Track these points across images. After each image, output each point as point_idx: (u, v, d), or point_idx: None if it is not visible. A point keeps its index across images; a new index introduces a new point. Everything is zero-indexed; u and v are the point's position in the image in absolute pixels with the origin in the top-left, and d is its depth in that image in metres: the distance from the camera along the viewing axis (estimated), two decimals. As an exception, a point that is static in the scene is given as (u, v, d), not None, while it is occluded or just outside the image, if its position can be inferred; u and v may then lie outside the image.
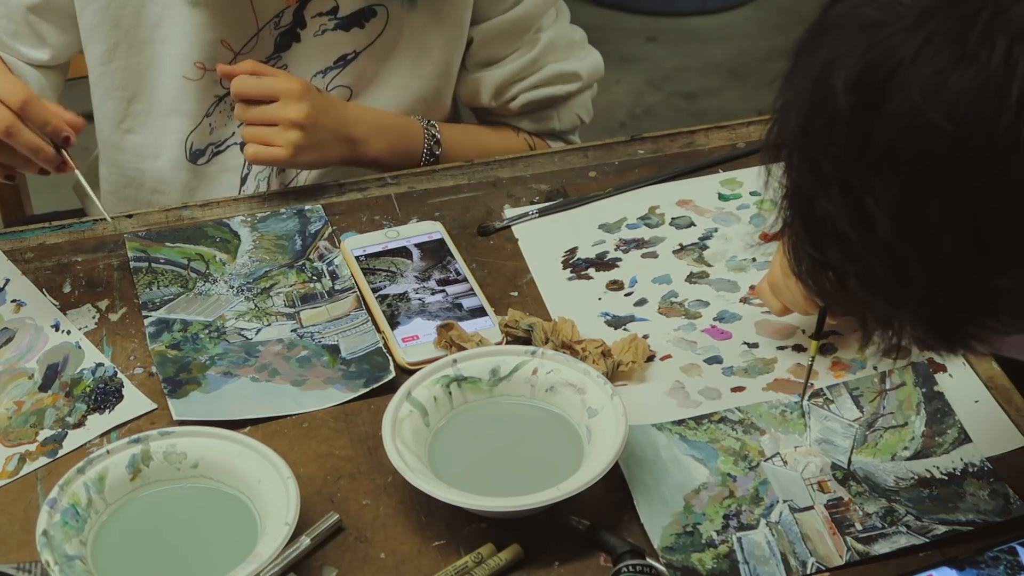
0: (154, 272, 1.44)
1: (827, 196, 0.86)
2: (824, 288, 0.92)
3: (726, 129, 1.64)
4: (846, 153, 0.85)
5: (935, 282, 0.85)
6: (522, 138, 1.70)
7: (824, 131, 0.86)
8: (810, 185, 0.87)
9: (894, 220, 0.84)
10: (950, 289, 0.85)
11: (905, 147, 0.83)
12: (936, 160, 0.82)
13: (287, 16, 1.56)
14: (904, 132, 0.82)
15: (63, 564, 1.11)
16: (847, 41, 0.85)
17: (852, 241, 0.86)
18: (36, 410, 1.30)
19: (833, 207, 0.86)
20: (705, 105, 3.41)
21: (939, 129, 0.81)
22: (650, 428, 1.26)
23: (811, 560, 1.15)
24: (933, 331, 0.89)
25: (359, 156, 1.58)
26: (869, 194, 0.84)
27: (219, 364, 1.34)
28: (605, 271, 1.45)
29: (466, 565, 1.15)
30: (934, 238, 0.83)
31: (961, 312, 0.87)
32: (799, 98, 0.88)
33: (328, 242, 1.49)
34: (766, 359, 1.34)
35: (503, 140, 1.69)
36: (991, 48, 0.81)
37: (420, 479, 1.16)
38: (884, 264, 0.86)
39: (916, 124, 0.82)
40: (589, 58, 1.72)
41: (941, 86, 0.81)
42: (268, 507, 1.16)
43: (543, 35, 1.65)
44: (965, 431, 1.25)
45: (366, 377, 1.32)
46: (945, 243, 0.83)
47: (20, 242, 1.50)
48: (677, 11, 3.73)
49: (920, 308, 0.87)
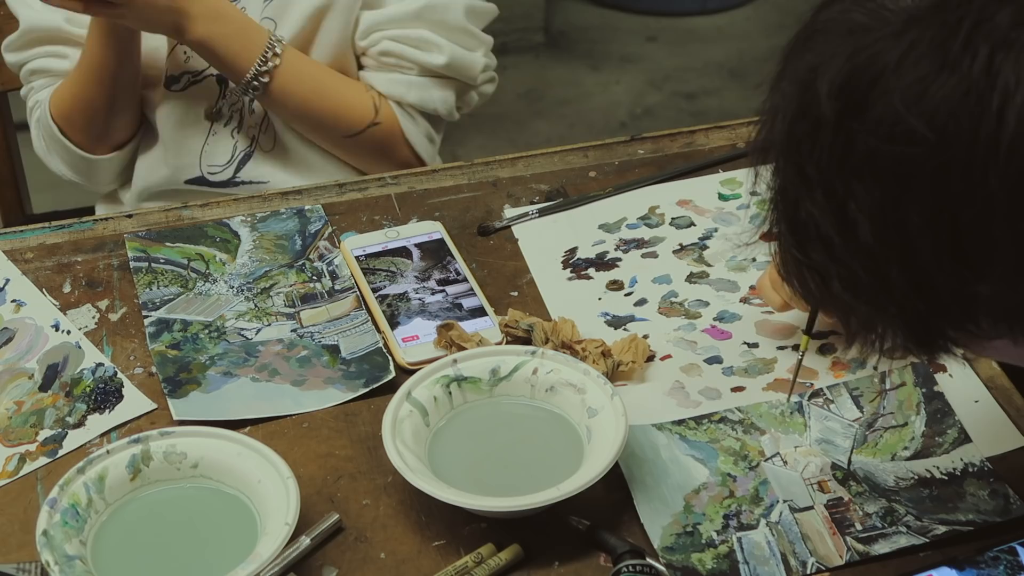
0: (154, 272, 1.44)
1: (811, 199, 0.87)
2: (809, 289, 0.92)
3: (726, 129, 1.64)
4: (830, 158, 0.85)
5: (915, 288, 0.85)
6: (370, 96, 1.65)
7: (809, 136, 0.86)
8: (795, 188, 0.88)
9: (875, 225, 0.84)
10: (929, 295, 0.85)
11: (886, 154, 0.83)
12: (917, 167, 0.82)
13: None
14: (886, 139, 0.83)
15: (63, 564, 1.11)
16: (833, 46, 0.86)
17: (835, 245, 0.87)
18: (36, 410, 1.30)
19: (817, 210, 0.86)
20: (705, 105, 3.42)
21: (920, 136, 0.81)
22: (650, 428, 1.26)
23: (811, 560, 1.15)
24: (913, 336, 0.89)
25: (182, 31, 1.56)
26: (851, 199, 0.84)
27: (219, 364, 1.34)
28: (605, 271, 1.45)
29: (466, 565, 1.15)
30: (914, 244, 0.84)
31: (941, 318, 0.87)
32: (786, 101, 0.88)
33: (328, 242, 1.49)
34: (766, 359, 1.34)
35: (348, 89, 1.65)
36: (973, 56, 0.81)
37: (420, 479, 1.16)
38: (865, 268, 0.86)
39: (897, 131, 0.82)
40: (471, 54, 1.67)
41: (923, 94, 0.81)
42: (268, 507, 1.16)
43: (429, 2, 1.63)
44: (965, 431, 1.25)
45: (366, 377, 1.32)
46: (924, 249, 0.84)
47: (20, 242, 1.50)
48: (677, 11, 3.73)
49: (900, 313, 0.87)
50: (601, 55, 3.60)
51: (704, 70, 3.55)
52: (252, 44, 1.58)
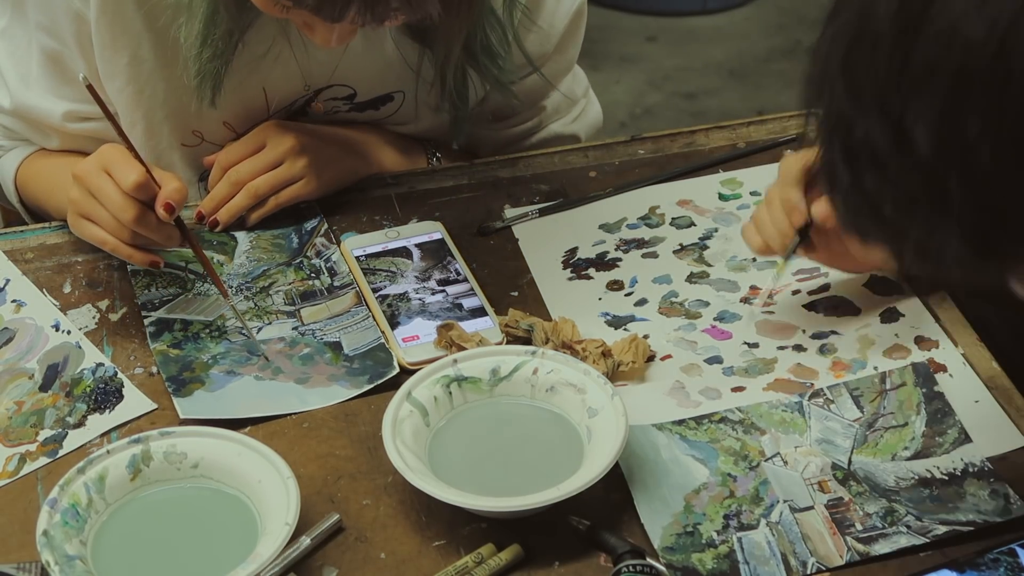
0: (152, 274, 1.44)
1: (867, 121, 0.88)
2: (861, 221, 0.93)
3: (726, 129, 1.64)
4: (887, 75, 0.87)
5: (974, 197, 0.86)
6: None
7: (866, 56, 0.88)
8: (851, 111, 0.89)
9: (933, 137, 0.85)
10: (989, 204, 0.86)
11: (945, 65, 0.84)
12: (976, 75, 0.84)
13: (299, 101, 1.53)
14: (945, 49, 0.84)
15: (63, 564, 1.11)
16: None
17: (890, 166, 0.88)
18: (36, 410, 1.30)
19: (873, 130, 0.88)
20: (705, 105, 3.41)
21: (980, 44, 0.83)
22: (650, 428, 1.26)
23: (811, 560, 1.15)
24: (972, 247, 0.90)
25: (372, 165, 1.56)
26: (909, 113, 0.86)
27: (222, 363, 1.34)
28: (605, 271, 1.45)
29: (466, 565, 1.15)
30: (973, 152, 0.85)
31: (1000, 228, 0.88)
32: (843, 29, 0.90)
33: (324, 239, 1.49)
34: (766, 359, 1.34)
35: None
36: None
37: (420, 479, 1.16)
38: (923, 184, 0.87)
39: (957, 41, 0.84)
40: (589, 114, 1.68)
41: (984, 4, 0.83)
42: (268, 507, 1.16)
43: (549, 101, 1.62)
44: (965, 431, 1.25)
45: (370, 374, 1.32)
46: (984, 157, 0.85)
47: (20, 242, 1.50)
48: (677, 11, 3.73)
49: (959, 226, 0.88)
50: (601, 55, 3.60)
51: (704, 70, 3.55)
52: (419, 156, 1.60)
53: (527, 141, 1.65)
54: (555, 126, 1.65)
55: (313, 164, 1.49)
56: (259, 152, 1.48)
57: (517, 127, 1.64)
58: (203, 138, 1.53)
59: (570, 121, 1.66)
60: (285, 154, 1.48)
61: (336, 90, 1.52)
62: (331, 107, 1.54)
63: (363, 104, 1.54)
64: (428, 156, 1.61)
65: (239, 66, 1.45)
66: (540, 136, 1.65)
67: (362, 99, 1.53)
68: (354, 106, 1.54)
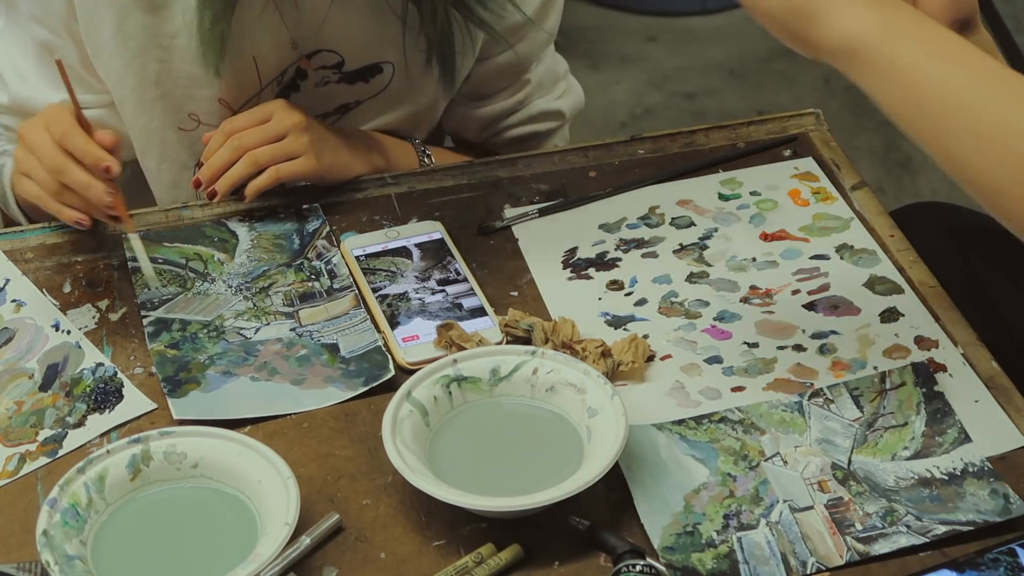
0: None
1: None
2: None
3: (726, 129, 1.64)
4: None
5: None
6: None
7: None
8: None
9: None
10: None
11: None
12: None
13: (289, 72, 1.54)
14: None
15: (63, 564, 1.11)
16: None
17: None
18: (36, 410, 1.30)
19: None
20: (705, 105, 3.41)
21: None
22: (650, 428, 1.26)
23: (811, 560, 1.15)
24: None
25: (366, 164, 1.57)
26: None
27: (218, 363, 1.34)
28: (605, 271, 1.45)
29: (466, 565, 1.15)
30: None
31: None
32: None
33: (326, 241, 1.49)
34: (766, 359, 1.34)
35: None
36: None
37: (420, 479, 1.16)
38: None
39: None
40: (572, 93, 1.71)
41: None
42: (268, 507, 1.16)
43: (532, 75, 1.65)
44: (965, 431, 1.25)
45: (365, 376, 1.32)
46: None
47: (20, 242, 1.50)
48: (677, 11, 3.72)
49: None
50: (601, 55, 3.60)
51: (704, 70, 3.55)
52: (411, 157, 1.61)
53: (512, 118, 1.66)
54: (539, 102, 1.67)
55: (315, 143, 1.49)
56: (265, 124, 1.49)
57: (501, 102, 1.65)
58: (200, 120, 1.54)
59: (555, 98, 1.68)
60: (290, 128, 1.48)
61: (324, 56, 1.53)
62: (320, 76, 1.55)
63: (352, 75, 1.55)
64: (420, 156, 1.62)
65: (234, 31, 1.46)
66: (525, 112, 1.66)
67: (350, 68, 1.55)
68: (343, 76, 1.55)
